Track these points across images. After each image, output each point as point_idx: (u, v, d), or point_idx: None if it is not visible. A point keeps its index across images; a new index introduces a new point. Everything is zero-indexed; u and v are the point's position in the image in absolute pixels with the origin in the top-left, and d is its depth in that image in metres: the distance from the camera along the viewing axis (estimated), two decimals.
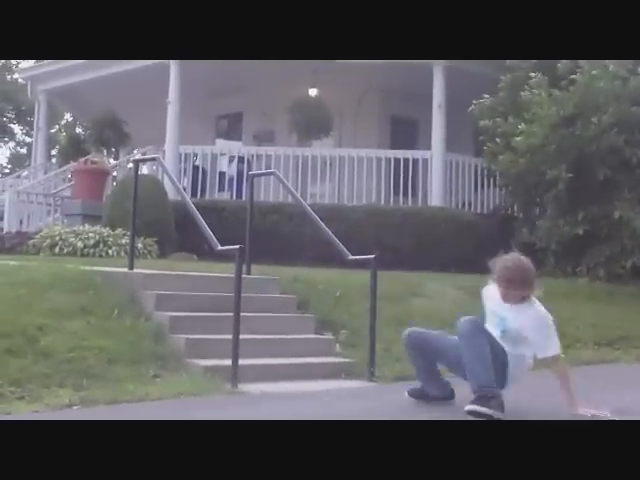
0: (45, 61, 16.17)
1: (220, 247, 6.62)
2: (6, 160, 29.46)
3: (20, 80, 18.45)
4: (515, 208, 13.65)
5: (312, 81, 14.69)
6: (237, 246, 6.29)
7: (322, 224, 7.66)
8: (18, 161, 26.98)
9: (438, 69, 13.40)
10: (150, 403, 5.44)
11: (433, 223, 12.39)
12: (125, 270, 7.79)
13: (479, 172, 13.87)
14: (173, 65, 13.53)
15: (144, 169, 13.67)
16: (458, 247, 12.23)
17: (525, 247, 12.12)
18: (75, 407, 5.24)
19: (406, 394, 5.57)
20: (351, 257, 7.39)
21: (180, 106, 13.72)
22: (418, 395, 5.58)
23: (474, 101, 12.71)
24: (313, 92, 15.08)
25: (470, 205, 13.83)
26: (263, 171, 12.26)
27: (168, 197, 12.09)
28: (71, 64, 15.10)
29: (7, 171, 28.55)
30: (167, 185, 13.30)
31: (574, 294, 10.24)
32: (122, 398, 5.50)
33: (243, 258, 6.91)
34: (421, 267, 11.08)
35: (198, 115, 16.08)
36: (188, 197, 12.64)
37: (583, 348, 8.51)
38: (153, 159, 9.38)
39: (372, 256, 7.04)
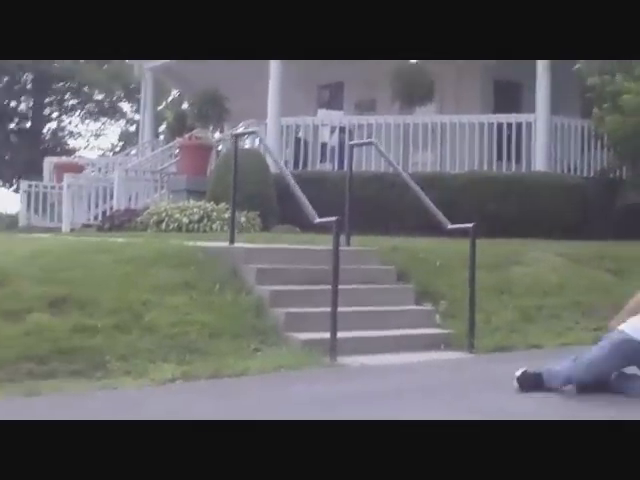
0: None
1: (318, 219, 6.67)
2: (117, 138, 30.41)
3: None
4: (624, 171, 13.21)
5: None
6: (334, 218, 6.31)
7: (422, 193, 7.63)
8: (128, 139, 27.67)
9: None
10: (250, 377, 5.57)
11: (537, 188, 12.12)
12: (227, 245, 7.93)
13: (585, 134, 13.47)
14: None
15: (246, 143, 13.83)
16: (563, 212, 11.94)
17: (633, 210, 11.85)
18: (178, 381, 5.41)
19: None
20: (450, 226, 7.34)
21: (281, 78, 13.79)
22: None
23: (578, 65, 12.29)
24: (413, 59, 14.89)
25: (576, 169, 13.46)
26: (362, 141, 12.23)
27: (270, 170, 12.19)
28: None
29: (118, 149, 29.40)
30: (269, 158, 13.49)
31: None
32: (223, 372, 5.66)
33: (342, 229, 6.94)
34: (525, 234, 10.87)
35: (299, 86, 16.11)
36: (289, 169, 12.81)
37: None
38: (253, 132, 9.44)
39: (471, 225, 6.95)
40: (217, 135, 16.22)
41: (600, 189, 12.84)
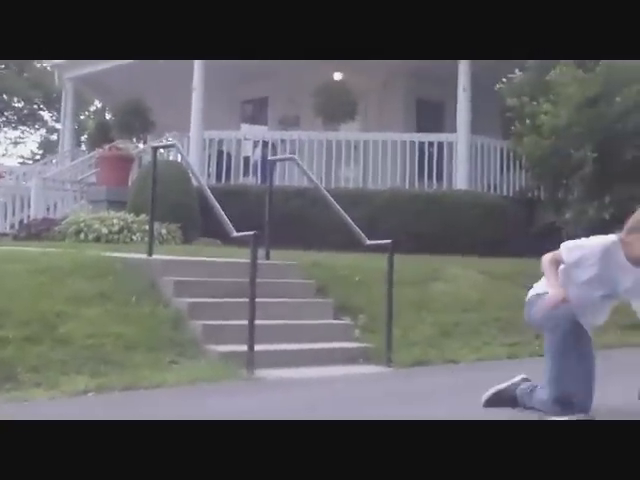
0: None
1: (235, 233, 6.64)
2: (37, 146, 29.87)
3: (47, 68, 18.54)
4: (541, 190, 13.49)
5: (337, 65, 14.62)
6: (252, 232, 6.29)
7: (339, 209, 7.65)
8: (49, 147, 27.20)
9: None
10: (165, 390, 5.48)
11: (458, 206, 12.31)
12: (145, 256, 7.83)
13: (505, 154, 13.75)
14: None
15: (170, 155, 13.72)
16: (483, 231, 12.14)
17: (550, 231, 12.09)
18: (90, 394, 5.29)
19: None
20: (368, 242, 7.38)
21: (205, 92, 13.74)
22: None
23: (503, 79, 12.52)
24: (338, 76, 15.03)
25: (496, 188, 13.72)
26: (282, 156, 12.26)
27: (192, 183, 12.10)
28: None
29: (38, 158, 28.85)
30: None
31: None
32: (138, 384, 5.56)
33: (260, 244, 6.92)
34: (446, 251, 11.01)
35: (223, 100, 16.07)
36: (212, 182, 12.73)
37: (605, 334, 8.42)
38: (172, 145, 9.38)
39: (388, 241, 7.01)
40: (140, 146, 16.05)
41: (519, 208, 13.11)
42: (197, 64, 13.63)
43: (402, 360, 6.78)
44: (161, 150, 11.99)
